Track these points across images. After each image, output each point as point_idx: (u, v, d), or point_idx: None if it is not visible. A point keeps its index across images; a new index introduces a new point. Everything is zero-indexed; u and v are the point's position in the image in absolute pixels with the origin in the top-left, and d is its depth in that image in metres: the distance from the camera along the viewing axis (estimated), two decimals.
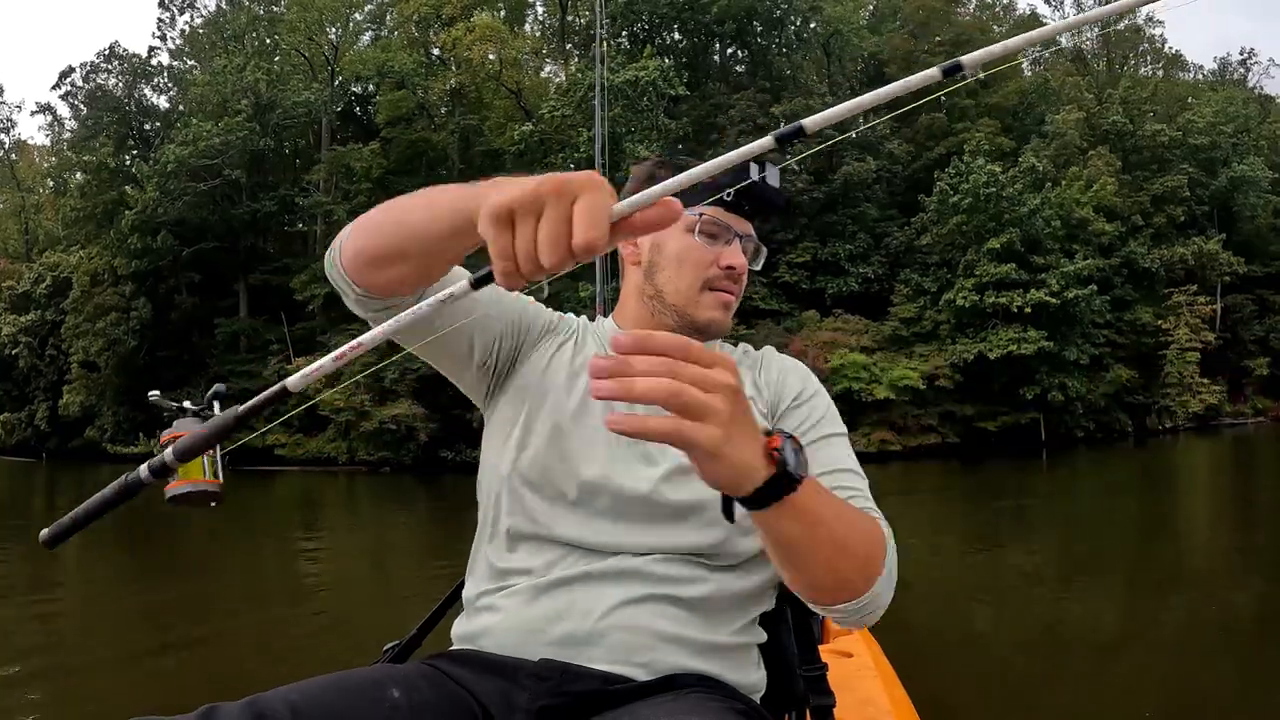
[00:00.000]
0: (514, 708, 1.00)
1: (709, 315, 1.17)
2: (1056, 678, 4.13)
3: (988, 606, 5.95)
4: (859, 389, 25.40)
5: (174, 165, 28.77)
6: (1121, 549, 7.80)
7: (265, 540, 11.53)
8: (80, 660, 5.02)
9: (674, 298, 1.18)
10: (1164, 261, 31.55)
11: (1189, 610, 5.34)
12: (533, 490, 1.09)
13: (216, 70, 30.76)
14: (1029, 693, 4.00)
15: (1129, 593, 6.11)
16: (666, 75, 26.94)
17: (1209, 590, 5.91)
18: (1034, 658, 4.60)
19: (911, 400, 25.98)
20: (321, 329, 30.17)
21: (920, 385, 25.72)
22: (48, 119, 46.15)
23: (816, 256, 28.62)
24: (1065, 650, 4.59)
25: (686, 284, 1.17)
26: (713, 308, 1.17)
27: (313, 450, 28.50)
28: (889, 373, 25.82)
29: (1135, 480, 14.82)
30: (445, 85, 31.84)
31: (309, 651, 5.08)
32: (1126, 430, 30.39)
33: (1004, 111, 33.82)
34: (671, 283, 1.18)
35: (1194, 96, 37.74)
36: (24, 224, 41.28)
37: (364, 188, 32.01)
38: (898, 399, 25.63)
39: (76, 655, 5.08)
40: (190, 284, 32.72)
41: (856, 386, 25.40)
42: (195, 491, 0.99)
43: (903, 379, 25.54)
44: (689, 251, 1.17)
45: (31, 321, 34.48)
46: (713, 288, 1.17)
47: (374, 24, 38.43)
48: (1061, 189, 28.89)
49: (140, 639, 5.54)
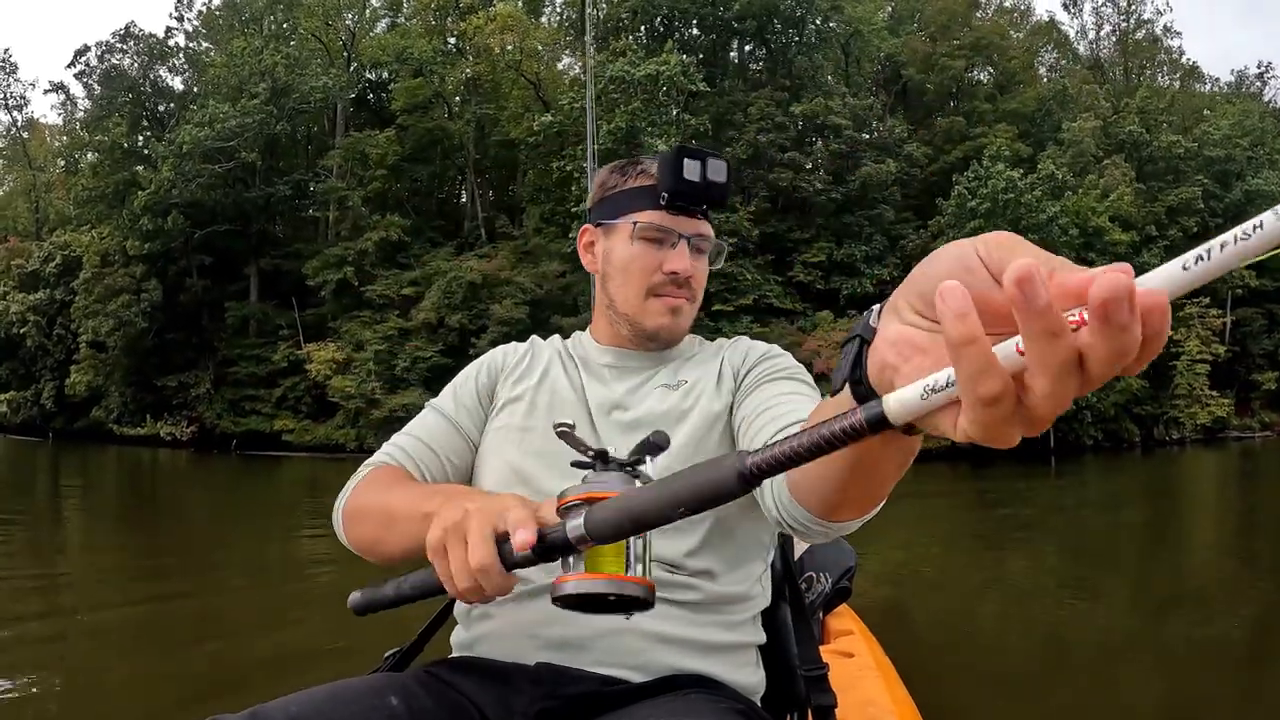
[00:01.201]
0: (512, 712, 1.01)
1: (656, 323, 1.17)
2: (1058, 681, 4.09)
3: (991, 609, 5.87)
4: None
5: (190, 146, 28.62)
6: (1126, 558, 7.71)
7: (270, 522, 11.49)
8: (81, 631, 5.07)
9: (623, 306, 1.19)
10: None
11: (1191, 621, 5.25)
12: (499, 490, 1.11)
13: (235, 52, 30.60)
14: (1030, 695, 3.97)
15: (1132, 602, 6.04)
16: (687, 71, 26.85)
17: (1212, 602, 5.85)
18: (1035, 661, 4.54)
19: None
20: (333, 315, 30.11)
21: None
22: (60, 98, 46.01)
23: (832, 257, 28.55)
24: (1067, 654, 4.55)
25: (632, 292, 1.17)
26: (659, 314, 1.17)
27: (320, 437, 28.45)
28: None
29: (1142, 490, 14.80)
30: (462, 74, 31.74)
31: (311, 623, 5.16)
32: (1134, 440, 30.44)
33: (1021, 117, 33.76)
34: (620, 292, 1.19)
35: (1210, 108, 37.70)
36: (34, 203, 41.09)
37: (379, 174, 31.93)
38: None
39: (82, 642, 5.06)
40: (200, 266, 32.60)
41: None
42: (611, 594, 0.70)
43: None
44: (632, 260, 1.16)
45: (40, 300, 34.32)
46: (658, 294, 1.17)
47: (390, 11, 38.29)
48: (1078, 197, 28.85)
49: (146, 622, 5.51)
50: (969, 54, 33.67)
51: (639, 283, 1.17)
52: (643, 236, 1.16)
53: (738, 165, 28.58)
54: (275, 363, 30.24)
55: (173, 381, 31.27)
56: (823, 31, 30.52)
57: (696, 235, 1.17)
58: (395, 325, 28.10)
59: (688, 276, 1.16)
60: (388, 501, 1.05)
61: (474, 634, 1.12)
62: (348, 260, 29.45)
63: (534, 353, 1.27)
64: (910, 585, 6.26)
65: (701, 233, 1.17)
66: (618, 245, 1.18)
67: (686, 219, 1.16)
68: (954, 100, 34.70)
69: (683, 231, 1.15)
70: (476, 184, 33.16)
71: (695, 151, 1.12)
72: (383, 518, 1.04)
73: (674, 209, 1.14)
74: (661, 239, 1.15)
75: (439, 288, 27.21)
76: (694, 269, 1.17)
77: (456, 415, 1.21)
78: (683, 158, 1.11)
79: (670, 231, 1.15)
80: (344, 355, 28.00)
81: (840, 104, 28.99)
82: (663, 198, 1.13)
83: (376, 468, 1.16)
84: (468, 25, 30.89)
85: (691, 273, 1.16)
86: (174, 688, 3.93)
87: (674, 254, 1.15)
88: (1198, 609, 5.65)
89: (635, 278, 1.17)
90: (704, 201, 1.15)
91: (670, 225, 1.15)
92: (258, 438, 29.36)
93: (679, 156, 1.11)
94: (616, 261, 1.18)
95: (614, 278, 1.19)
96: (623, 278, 1.18)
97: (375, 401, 26.83)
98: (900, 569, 6.81)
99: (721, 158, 1.13)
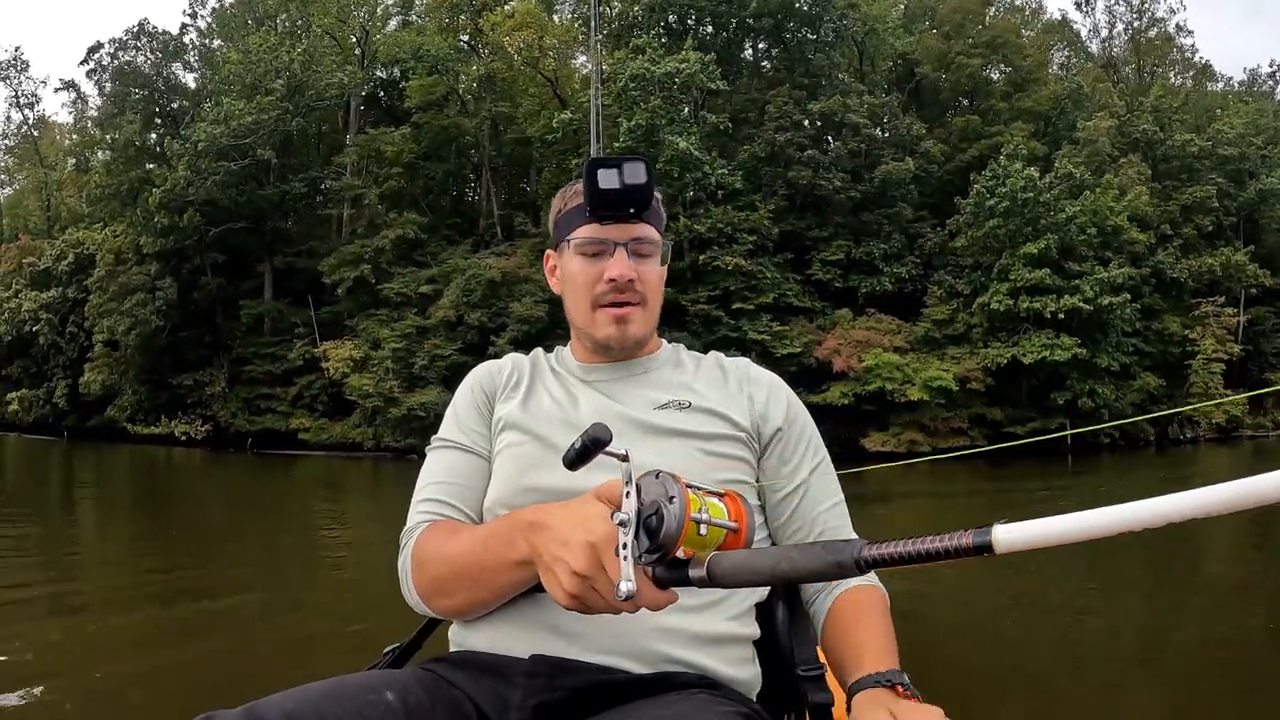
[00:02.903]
0: (509, 706, 1.01)
1: (604, 333, 1.21)
2: (1060, 683, 4.07)
3: (997, 609, 5.80)
4: (892, 389, 25.36)
5: (205, 143, 28.53)
6: (1140, 560, 7.53)
7: (286, 518, 11.46)
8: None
9: (578, 320, 1.24)
10: (1191, 271, 31.57)
11: (1205, 625, 5.19)
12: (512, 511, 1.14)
13: (251, 49, 30.50)
14: (1032, 697, 3.95)
15: (1145, 605, 5.98)
16: (707, 69, 26.79)
17: (1226, 606, 5.79)
18: (1038, 662, 4.52)
19: (943, 402, 25.94)
20: (349, 313, 30.03)
21: (953, 387, 25.67)
22: (71, 96, 45.84)
23: (850, 255, 28.49)
24: (1069, 656, 4.52)
25: (582, 307, 1.22)
26: (606, 325, 1.21)
27: (337, 435, 28.38)
28: (922, 373, 25.76)
29: (1160, 488, 14.71)
30: (478, 71, 31.66)
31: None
32: (1149, 439, 30.46)
33: (1035, 116, 33.73)
34: (573, 308, 1.24)
35: (1222, 107, 37.69)
36: (46, 200, 40.97)
37: (394, 172, 31.83)
38: (930, 400, 25.57)
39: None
40: (214, 264, 32.51)
41: (890, 386, 25.35)
42: None
43: (936, 379, 25.47)
44: (576, 275, 1.21)
45: (53, 298, 34.24)
46: (601, 304, 1.21)
47: (401, 10, 38.20)
48: (1095, 196, 28.83)
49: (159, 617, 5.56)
50: (985, 52, 33.61)
51: (585, 296, 1.21)
52: (580, 252, 1.20)
53: (756, 163, 28.55)
54: (291, 361, 30.15)
55: (187, 380, 31.18)
56: (839, 29, 30.45)
57: (632, 240, 1.19)
58: (413, 323, 28.02)
59: (629, 280, 1.18)
60: (467, 566, 1.07)
61: (470, 629, 1.13)
62: (365, 258, 29.37)
63: (517, 369, 1.31)
64: (919, 587, 6.20)
65: (638, 236, 1.19)
66: (568, 264, 1.23)
67: (621, 226, 1.18)
68: (968, 98, 34.64)
69: (617, 239, 1.18)
70: (491, 181, 33.06)
71: (608, 160, 1.15)
72: (469, 582, 1.06)
73: (602, 219, 1.18)
74: (599, 251, 1.19)
75: (458, 285, 27.13)
76: (635, 272, 1.19)
77: (471, 442, 1.24)
78: (596, 169, 1.14)
79: (605, 241, 1.18)
80: (361, 353, 27.92)
81: (858, 102, 28.94)
82: (587, 211, 1.17)
83: (424, 531, 1.17)
84: (485, 22, 30.83)
85: (632, 276, 1.18)
86: (187, 682, 3.94)
87: (612, 262, 1.18)
88: (1209, 611, 5.53)
89: (582, 292, 1.21)
90: (628, 205, 1.17)
91: (602, 235, 1.18)
92: (273, 436, 29.29)
93: (593, 168, 1.14)
94: (568, 280, 1.24)
95: (568, 296, 1.25)
96: (573, 294, 1.23)
97: (393, 400, 26.76)
98: (906, 570, 6.75)
99: (639, 158, 1.15)
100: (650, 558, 0.79)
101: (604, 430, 0.80)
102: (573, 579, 0.85)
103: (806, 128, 28.89)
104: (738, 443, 1.19)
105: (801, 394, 1.35)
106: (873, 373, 25.41)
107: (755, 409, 1.23)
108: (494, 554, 1.01)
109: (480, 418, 1.25)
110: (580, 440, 0.81)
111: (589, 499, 0.89)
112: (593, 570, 0.83)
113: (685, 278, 26.76)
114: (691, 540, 0.77)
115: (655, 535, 0.77)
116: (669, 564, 0.79)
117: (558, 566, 0.87)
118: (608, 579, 0.82)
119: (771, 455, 1.22)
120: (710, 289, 26.62)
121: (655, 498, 0.78)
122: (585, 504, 0.89)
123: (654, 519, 0.77)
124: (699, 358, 1.32)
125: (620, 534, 0.78)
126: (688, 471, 0.86)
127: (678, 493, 0.77)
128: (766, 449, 1.22)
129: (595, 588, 0.84)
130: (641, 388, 1.24)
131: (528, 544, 0.94)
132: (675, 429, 1.17)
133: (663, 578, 0.79)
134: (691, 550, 0.78)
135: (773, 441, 1.22)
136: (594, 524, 0.85)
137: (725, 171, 26.36)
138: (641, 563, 0.79)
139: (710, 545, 0.79)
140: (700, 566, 0.77)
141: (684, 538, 0.77)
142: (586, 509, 0.87)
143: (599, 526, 0.84)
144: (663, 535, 0.77)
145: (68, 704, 3.71)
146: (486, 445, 1.24)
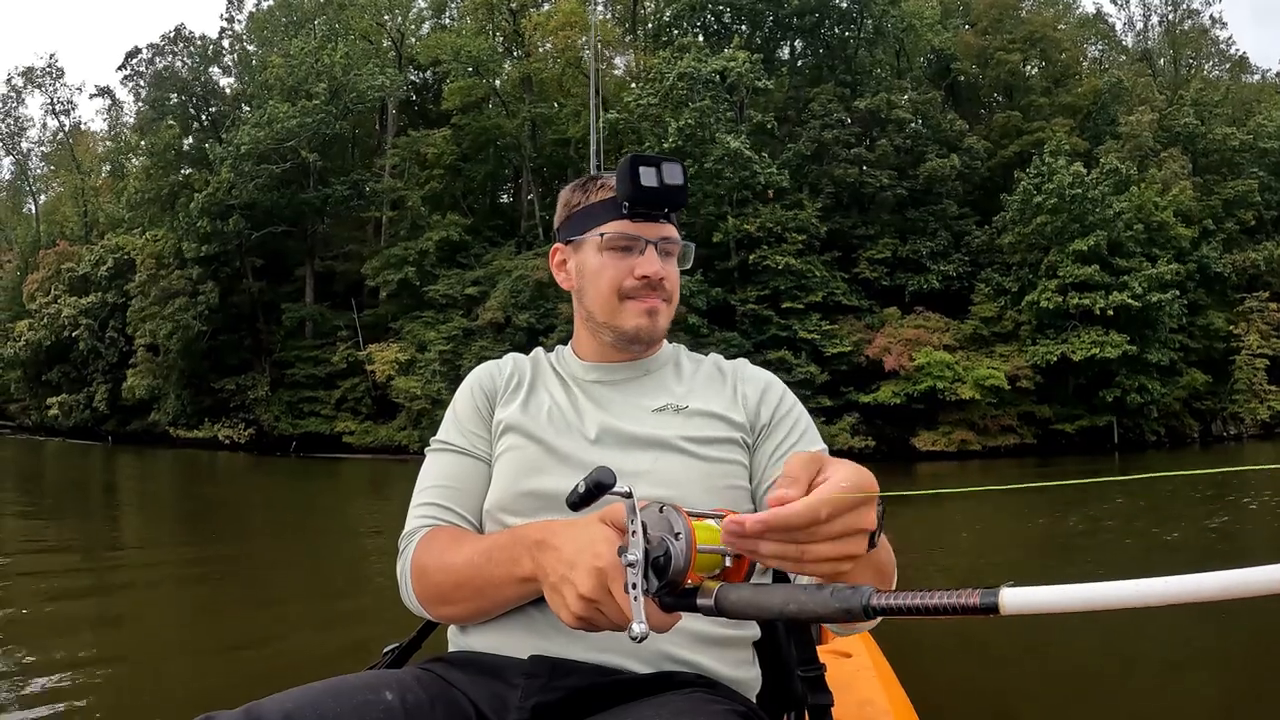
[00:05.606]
0: (508, 706, 1.01)
1: (635, 323, 1.21)
2: (1064, 686, 3.99)
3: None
4: (943, 387, 25.22)
5: (249, 147, 28.56)
6: (1177, 559, 7.34)
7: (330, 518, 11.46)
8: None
9: (601, 315, 1.23)
10: (1235, 266, 31.36)
11: (1249, 629, 4.89)
12: (512, 515, 1.15)
13: (294, 52, 30.53)
14: (1032, 698, 3.89)
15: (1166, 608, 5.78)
16: (755, 67, 26.69)
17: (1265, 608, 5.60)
18: (1042, 662, 4.42)
19: (994, 401, 25.80)
20: (392, 315, 30.05)
21: (1005, 385, 25.53)
22: (106, 103, 45.98)
23: (896, 253, 28.35)
24: (1071, 658, 4.44)
25: (608, 299, 1.22)
26: (636, 315, 1.21)
27: (383, 438, 28.37)
28: (973, 372, 25.62)
29: (1206, 486, 14.52)
30: (519, 71, 31.62)
31: None
32: (1193, 435, 30.28)
33: (1075, 111, 33.50)
34: (596, 302, 1.23)
35: (1259, 100, 37.39)
36: (83, 206, 41.11)
37: (436, 174, 31.83)
38: (981, 399, 25.43)
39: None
40: (255, 268, 32.58)
41: (941, 385, 25.21)
42: None
43: (988, 378, 25.33)
44: (602, 269, 1.21)
45: (92, 304, 34.34)
46: (631, 297, 1.21)
47: (435, 13, 38.16)
48: (1140, 191, 28.65)
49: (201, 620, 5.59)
50: (1023, 46, 33.42)
51: (611, 290, 1.21)
52: (610, 246, 1.20)
53: (801, 161, 28.44)
54: (334, 364, 30.17)
55: (230, 384, 31.21)
56: (881, 25, 30.32)
57: (662, 239, 1.21)
58: (459, 325, 28.00)
59: (660, 279, 1.20)
60: (470, 577, 1.07)
61: (469, 630, 1.14)
62: (409, 260, 29.37)
63: (518, 370, 1.31)
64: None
65: (666, 236, 1.21)
66: (589, 258, 1.23)
67: (650, 224, 1.20)
68: (1007, 94, 34.44)
69: (648, 237, 1.19)
70: (533, 183, 33.03)
71: (649, 158, 1.15)
72: (471, 593, 1.07)
73: (636, 216, 1.19)
74: (629, 246, 1.20)
75: (505, 287, 27.09)
76: (665, 271, 1.21)
77: (470, 445, 1.24)
78: (638, 166, 1.14)
79: (636, 238, 1.19)
80: (407, 356, 27.91)
81: (902, 98, 28.80)
82: (624, 207, 1.17)
83: (424, 537, 1.17)
84: (527, 22, 30.77)
85: (664, 275, 1.21)
86: (225, 680, 3.96)
87: (643, 259, 1.19)
88: (1257, 613, 5.34)
89: (607, 285, 1.21)
90: (665, 205, 1.18)
91: (635, 232, 1.19)
92: (317, 439, 29.31)
93: (634, 165, 1.14)
94: (589, 274, 1.23)
95: (588, 290, 1.24)
96: (596, 288, 1.23)
97: (440, 402, 26.71)
98: (920, 568, 6.76)
99: (676, 161, 1.16)
100: (659, 591, 0.80)
101: (608, 474, 0.79)
102: (580, 602, 0.86)
103: (850, 125, 28.77)
104: (734, 445, 1.20)
105: (851, 394, 1.30)
106: (924, 371, 25.27)
107: (749, 405, 1.24)
108: (498, 568, 1.03)
109: (480, 420, 1.26)
110: (584, 484, 0.80)
111: (594, 521, 0.90)
112: (600, 595, 0.85)
113: (733, 277, 26.67)
114: (698, 568, 0.79)
115: (663, 573, 0.78)
116: (678, 594, 0.80)
117: (564, 588, 0.89)
118: (615, 604, 0.84)
119: (765, 446, 1.23)
120: (760, 288, 26.50)
121: (661, 534, 0.80)
122: (591, 526, 0.90)
123: (662, 558, 0.79)
124: (699, 359, 1.34)
125: (629, 574, 0.78)
126: (685, 479, 0.91)
127: (683, 529, 0.79)
128: (759, 441, 1.23)
129: (602, 610, 0.85)
130: (641, 389, 1.25)
131: (533, 562, 0.96)
132: (672, 436, 1.18)
133: (670, 604, 0.80)
134: (698, 577, 0.79)
135: (765, 433, 1.23)
136: (600, 548, 0.86)
137: (774, 170, 26.25)
138: (650, 594, 0.80)
139: (715, 569, 0.81)
140: (708, 596, 0.78)
141: (691, 571, 0.79)
142: (592, 531, 0.89)
143: (606, 551, 0.86)
144: (671, 573, 0.78)
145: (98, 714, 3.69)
146: (486, 448, 1.24)
